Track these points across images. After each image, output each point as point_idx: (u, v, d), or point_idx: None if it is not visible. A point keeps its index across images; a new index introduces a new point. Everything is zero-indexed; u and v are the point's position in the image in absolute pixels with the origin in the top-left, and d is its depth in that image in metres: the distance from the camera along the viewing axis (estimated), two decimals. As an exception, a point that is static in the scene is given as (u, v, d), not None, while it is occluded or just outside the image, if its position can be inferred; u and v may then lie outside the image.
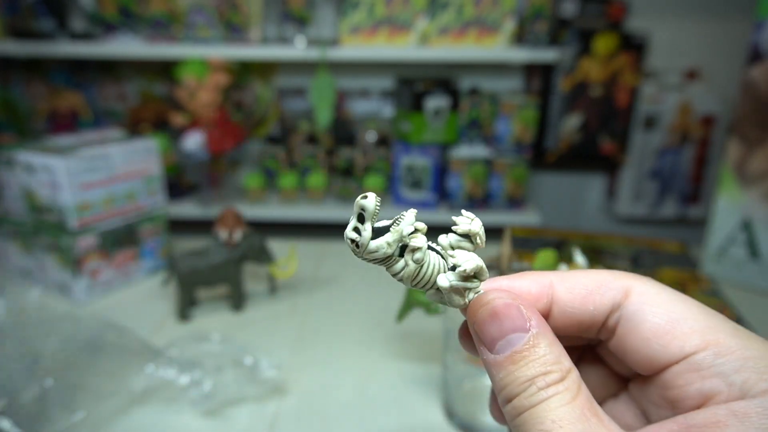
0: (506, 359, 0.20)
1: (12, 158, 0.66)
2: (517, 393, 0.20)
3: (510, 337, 0.20)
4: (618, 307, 0.22)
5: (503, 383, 0.20)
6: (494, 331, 0.21)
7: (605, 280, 0.23)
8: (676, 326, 0.21)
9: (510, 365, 0.20)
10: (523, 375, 0.20)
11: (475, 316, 0.22)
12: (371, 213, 0.20)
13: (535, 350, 0.20)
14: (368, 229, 0.21)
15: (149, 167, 0.73)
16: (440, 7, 1.51)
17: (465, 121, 1.65)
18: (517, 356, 0.20)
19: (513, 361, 0.20)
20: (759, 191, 0.72)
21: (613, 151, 1.74)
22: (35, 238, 0.69)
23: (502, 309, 0.21)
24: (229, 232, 0.62)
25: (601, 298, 0.22)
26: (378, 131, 1.69)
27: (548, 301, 0.23)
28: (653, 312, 0.22)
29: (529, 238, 0.89)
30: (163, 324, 0.63)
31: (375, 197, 0.21)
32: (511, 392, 0.20)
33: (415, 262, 0.22)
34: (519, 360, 0.20)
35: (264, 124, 1.77)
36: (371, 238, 0.21)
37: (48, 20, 1.56)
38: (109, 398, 0.47)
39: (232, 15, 1.53)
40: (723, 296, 0.71)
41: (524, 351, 0.20)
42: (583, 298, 0.23)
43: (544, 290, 0.23)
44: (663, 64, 1.72)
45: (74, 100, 1.73)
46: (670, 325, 0.21)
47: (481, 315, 0.21)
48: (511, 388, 0.20)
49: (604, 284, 0.23)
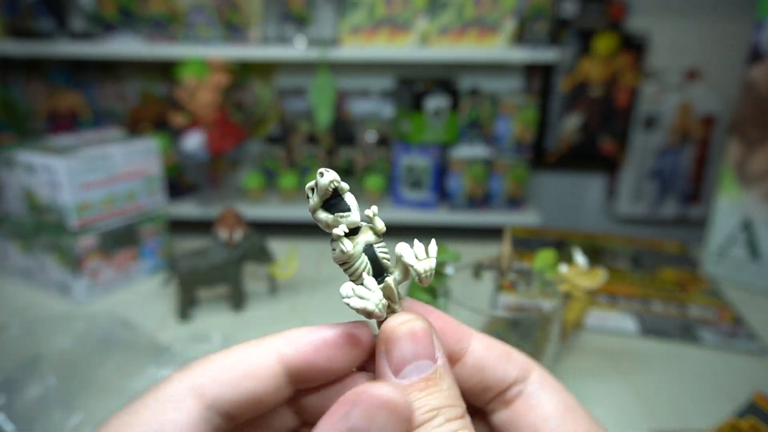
0: (414, 384, 0.20)
1: (12, 158, 0.66)
2: (423, 421, 0.19)
3: (419, 363, 0.20)
4: (522, 381, 0.23)
5: None
6: (407, 353, 0.20)
7: (512, 351, 0.23)
8: (572, 413, 0.22)
9: (417, 392, 0.20)
10: (430, 404, 0.19)
11: (392, 332, 0.21)
12: (321, 187, 0.21)
13: (442, 382, 0.20)
14: (314, 199, 0.21)
15: (149, 167, 0.73)
16: (440, 7, 1.51)
17: (465, 121, 1.65)
18: (425, 384, 0.20)
19: (422, 387, 0.20)
20: (759, 191, 0.72)
21: (613, 151, 1.74)
22: (35, 238, 0.69)
23: (421, 332, 0.21)
24: (230, 232, 0.62)
25: (512, 366, 0.23)
26: (378, 131, 1.69)
27: (461, 348, 0.23)
28: (555, 395, 0.22)
29: (529, 238, 0.89)
30: (163, 324, 0.63)
31: (333, 175, 0.21)
32: (417, 419, 0.19)
33: (333, 249, 0.22)
34: (426, 388, 0.20)
35: (264, 124, 1.77)
36: (317, 208, 0.22)
37: (48, 20, 1.56)
38: (110, 398, 0.47)
39: (232, 15, 1.53)
40: (723, 296, 0.71)
41: (432, 380, 0.20)
42: (496, 358, 0.23)
43: (462, 335, 0.23)
44: (663, 64, 1.72)
45: (74, 100, 1.73)
46: (568, 412, 0.22)
47: (398, 332, 0.21)
48: (418, 415, 0.19)
49: (512, 354, 0.23)
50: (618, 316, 0.65)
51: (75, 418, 0.44)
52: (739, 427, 0.44)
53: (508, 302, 0.60)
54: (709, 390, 0.52)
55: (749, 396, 0.49)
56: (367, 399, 0.18)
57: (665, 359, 0.57)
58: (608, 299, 0.69)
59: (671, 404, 0.50)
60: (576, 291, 0.50)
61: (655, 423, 0.47)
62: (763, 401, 0.46)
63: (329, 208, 0.22)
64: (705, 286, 0.74)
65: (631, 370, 0.55)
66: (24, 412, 0.42)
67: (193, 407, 0.19)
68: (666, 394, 0.52)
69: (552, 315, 0.45)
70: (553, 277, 0.50)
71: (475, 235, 1.63)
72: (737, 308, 0.68)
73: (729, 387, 0.53)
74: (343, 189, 0.21)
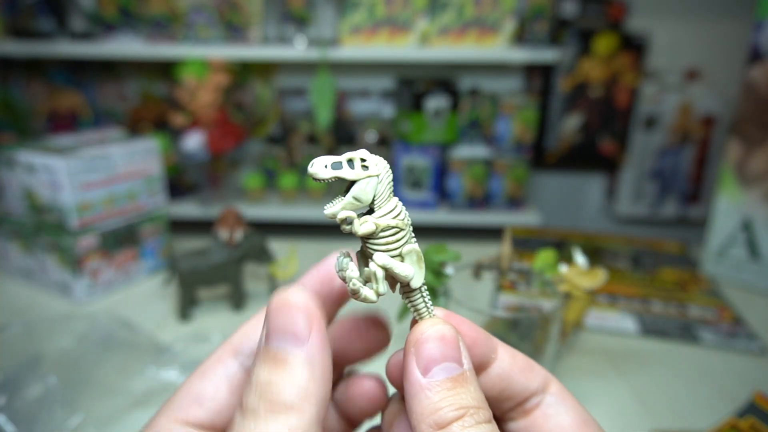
0: (442, 383, 0.20)
1: (12, 158, 0.66)
2: (452, 418, 0.20)
3: (447, 364, 0.21)
4: (542, 392, 0.24)
5: (436, 406, 0.20)
6: (436, 353, 0.21)
7: (534, 364, 0.24)
8: (588, 427, 0.23)
9: (446, 390, 0.20)
10: (459, 402, 0.20)
11: (422, 334, 0.22)
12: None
13: (469, 385, 0.21)
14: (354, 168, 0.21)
15: (150, 167, 0.73)
16: (440, 7, 1.51)
17: (465, 121, 1.65)
18: (454, 383, 0.20)
19: (450, 386, 0.20)
20: (759, 191, 0.72)
21: (613, 151, 1.74)
22: (35, 238, 0.69)
23: (449, 336, 0.21)
24: (230, 232, 0.62)
25: (534, 378, 0.24)
26: (378, 131, 1.69)
27: (489, 359, 0.23)
28: (572, 407, 0.23)
29: (529, 238, 0.89)
30: (163, 324, 0.63)
31: None
32: (445, 416, 0.20)
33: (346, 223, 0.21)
34: (456, 387, 0.20)
35: (264, 124, 1.77)
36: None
37: (48, 20, 1.56)
38: (111, 399, 0.47)
39: (232, 15, 1.53)
40: (723, 296, 0.71)
41: (459, 381, 0.21)
42: (520, 369, 0.24)
43: (491, 346, 0.24)
44: (663, 64, 1.72)
45: (74, 100, 1.73)
46: (583, 426, 0.23)
47: (428, 334, 0.21)
48: (446, 412, 0.20)
49: (535, 367, 0.24)
50: (618, 316, 0.65)
51: (75, 418, 0.44)
52: (739, 427, 0.44)
53: (508, 302, 0.60)
54: (709, 390, 0.52)
55: (749, 396, 0.49)
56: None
57: (665, 359, 0.57)
58: (608, 299, 0.69)
59: (671, 404, 0.50)
60: (576, 291, 0.50)
61: (655, 423, 0.47)
62: (763, 401, 0.46)
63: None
64: (705, 286, 0.74)
65: (631, 370, 0.55)
66: (24, 412, 0.42)
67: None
68: (666, 394, 0.52)
69: (552, 315, 0.45)
70: (553, 277, 0.50)
71: (475, 235, 1.63)
72: (737, 308, 0.68)
73: (729, 387, 0.53)
74: None
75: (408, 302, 0.23)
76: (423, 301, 0.23)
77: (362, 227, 0.21)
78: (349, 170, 0.21)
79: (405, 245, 0.22)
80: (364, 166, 0.21)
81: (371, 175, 0.21)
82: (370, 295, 0.22)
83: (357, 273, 0.22)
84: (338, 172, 0.21)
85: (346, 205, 0.21)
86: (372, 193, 0.21)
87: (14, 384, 0.44)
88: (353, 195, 0.21)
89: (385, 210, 0.21)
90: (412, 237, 0.22)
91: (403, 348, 0.22)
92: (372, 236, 0.21)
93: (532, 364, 0.24)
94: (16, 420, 0.41)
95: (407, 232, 0.22)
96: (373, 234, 0.21)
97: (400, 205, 0.22)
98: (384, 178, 0.21)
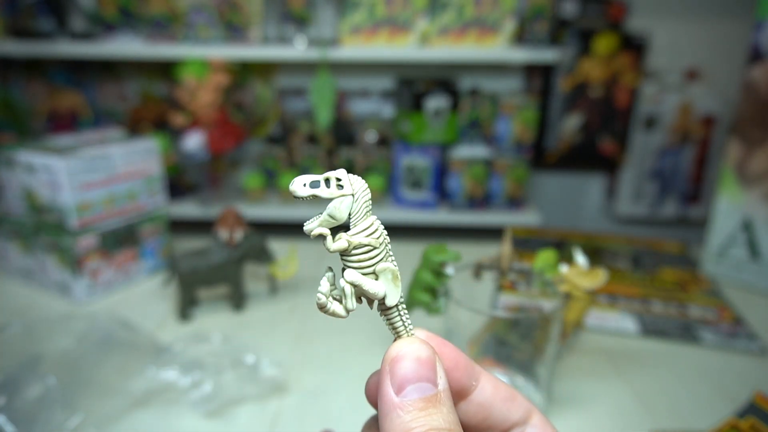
0: (414, 403, 0.20)
1: (12, 158, 0.66)
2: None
3: (421, 384, 0.21)
4: (522, 424, 0.24)
5: (406, 426, 0.20)
6: (410, 373, 0.21)
7: (517, 395, 0.24)
8: None
9: (417, 410, 0.20)
10: (430, 424, 0.20)
11: (397, 352, 0.22)
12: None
13: (442, 407, 0.21)
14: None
15: (149, 167, 0.73)
16: (440, 7, 1.51)
17: (465, 121, 1.65)
18: (426, 403, 0.20)
19: (421, 407, 0.20)
20: (759, 191, 0.72)
21: (613, 151, 1.74)
22: (35, 238, 0.69)
23: (426, 356, 0.21)
24: (230, 232, 0.62)
25: (516, 409, 0.24)
26: (378, 131, 1.69)
27: (471, 385, 0.24)
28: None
29: (529, 238, 0.89)
30: (163, 324, 0.63)
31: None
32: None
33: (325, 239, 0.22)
34: (428, 407, 0.20)
35: (264, 124, 1.77)
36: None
37: (48, 20, 1.56)
38: (110, 399, 0.47)
39: (232, 15, 1.53)
40: (723, 296, 0.71)
41: (432, 402, 0.20)
42: (502, 399, 0.24)
43: (473, 373, 0.24)
44: (663, 64, 1.72)
45: (74, 100, 1.73)
46: None
47: (403, 353, 0.21)
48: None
49: (517, 398, 0.24)
50: (618, 316, 0.65)
51: (75, 418, 0.44)
52: (739, 427, 0.44)
53: (508, 302, 0.60)
54: (709, 390, 0.52)
55: (749, 396, 0.49)
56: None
57: (665, 359, 0.57)
58: (608, 299, 0.69)
59: (671, 404, 0.50)
60: (576, 291, 0.50)
61: (655, 423, 0.47)
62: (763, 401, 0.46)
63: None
64: (705, 286, 0.74)
65: (631, 370, 0.55)
66: (24, 412, 0.42)
67: None
68: (666, 394, 0.52)
69: (552, 315, 0.45)
70: (553, 277, 0.50)
71: (475, 235, 1.63)
72: (737, 308, 0.68)
73: (729, 387, 0.53)
74: None
75: (385, 320, 0.23)
76: (400, 319, 0.23)
77: (334, 244, 0.22)
78: (325, 189, 0.22)
79: (379, 263, 0.22)
80: (339, 185, 0.22)
81: (345, 194, 0.22)
82: (338, 311, 0.23)
83: (327, 288, 0.23)
84: (315, 190, 0.22)
85: (322, 222, 0.22)
86: (347, 212, 0.22)
87: (14, 384, 0.44)
88: (328, 212, 0.22)
89: (360, 228, 0.22)
90: (389, 255, 0.23)
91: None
92: (345, 253, 0.22)
93: (515, 395, 0.24)
94: (15, 420, 0.41)
95: (382, 250, 0.23)
96: (346, 251, 0.22)
97: (377, 223, 0.23)
98: (360, 197, 0.22)
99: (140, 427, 0.46)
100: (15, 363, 0.48)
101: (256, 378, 0.49)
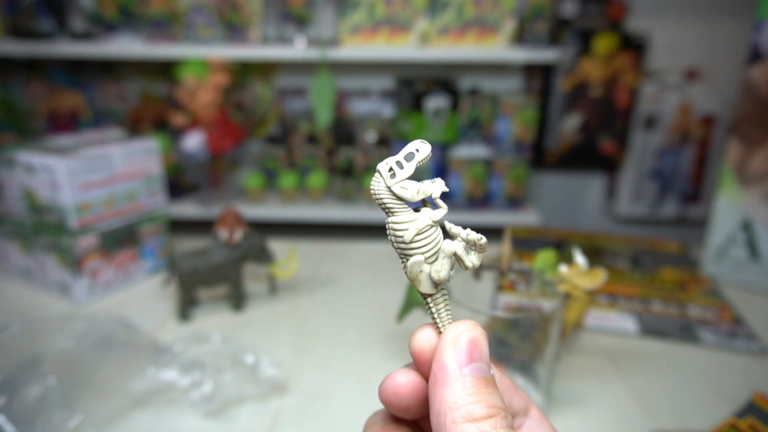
0: (479, 379, 0.21)
1: (12, 158, 0.66)
2: (484, 415, 0.20)
3: (482, 365, 0.22)
4: (524, 414, 0.26)
5: (469, 399, 0.21)
6: (472, 351, 0.22)
7: (517, 387, 0.26)
8: None
9: (482, 387, 0.21)
10: (491, 401, 0.21)
11: (460, 333, 0.23)
12: (423, 157, 0.23)
13: (497, 389, 0.22)
14: (412, 168, 0.24)
15: (149, 167, 0.73)
16: (440, 7, 1.51)
17: (465, 121, 1.65)
18: (489, 381, 0.21)
19: (485, 384, 0.21)
20: (759, 191, 0.72)
21: (613, 151, 1.74)
22: (35, 238, 0.69)
23: (482, 340, 0.23)
24: (230, 232, 0.62)
25: (518, 399, 0.26)
26: (378, 131, 1.69)
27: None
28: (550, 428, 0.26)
29: (529, 238, 0.89)
30: (163, 324, 0.63)
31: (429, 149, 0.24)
32: (478, 411, 0.20)
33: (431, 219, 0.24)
34: (490, 385, 0.21)
35: (264, 124, 1.77)
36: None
37: (48, 20, 1.56)
38: (110, 399, 0.47)
39: (232, 15, 1.53)
40: (723, 296, 0.71)
41: (490, 382, 0.22)
42: (508, 387, 0.26)
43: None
44: (663, 64, 1.72)
45: (74, 100, 1.73)
46: None
47: (466, 335, 0.22)
48: (479, 407, 0.20)
49: (519, 390, 0.26)
50: (618, 316, 0.65)
51: (75, 418, 0.44)
52: (738, 427, 0.44)
53: (508, 302, 0.60)
54: (709, 390, 0.52)
55: (749, 396, 0.49)
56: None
57: (665, 359, 0.57)
58: (608, 299, 0.69)
59: (671, 404, 0.50)
60: (576, 291, 0.50)
61: (655, 423, 0.47)
62: (762, 401, 0.46)
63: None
64: (705, 286, 0.74)
65: (631, 370, 0.55)
66: (24, 412, 0.42)
67: None
68: (666, 394, 0.52)
69: (552, 315, 0.45)
70: (553, 277, 0.50)
71: (475, 235, 1.63)
72: (737, 308, 0.68)
73: (729, 387, 0.53)
74: None
75: (432, 302, 0.24)
76: (445, 301, 0.25)
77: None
78: (414, 183, 0.25)
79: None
80: (392, 174, 0.24)
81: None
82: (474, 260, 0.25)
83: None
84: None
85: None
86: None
87: (14, 384, 0.44)
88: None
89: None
90: None
91: (427, 324, 0.24)
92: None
93: (516, 387, 0.26)
94: (15, 420, 0.41)
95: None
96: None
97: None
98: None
99: (140, 427, 0.46)
100: (15, 363, 0.48)
101: (256, 378, 0.49)
